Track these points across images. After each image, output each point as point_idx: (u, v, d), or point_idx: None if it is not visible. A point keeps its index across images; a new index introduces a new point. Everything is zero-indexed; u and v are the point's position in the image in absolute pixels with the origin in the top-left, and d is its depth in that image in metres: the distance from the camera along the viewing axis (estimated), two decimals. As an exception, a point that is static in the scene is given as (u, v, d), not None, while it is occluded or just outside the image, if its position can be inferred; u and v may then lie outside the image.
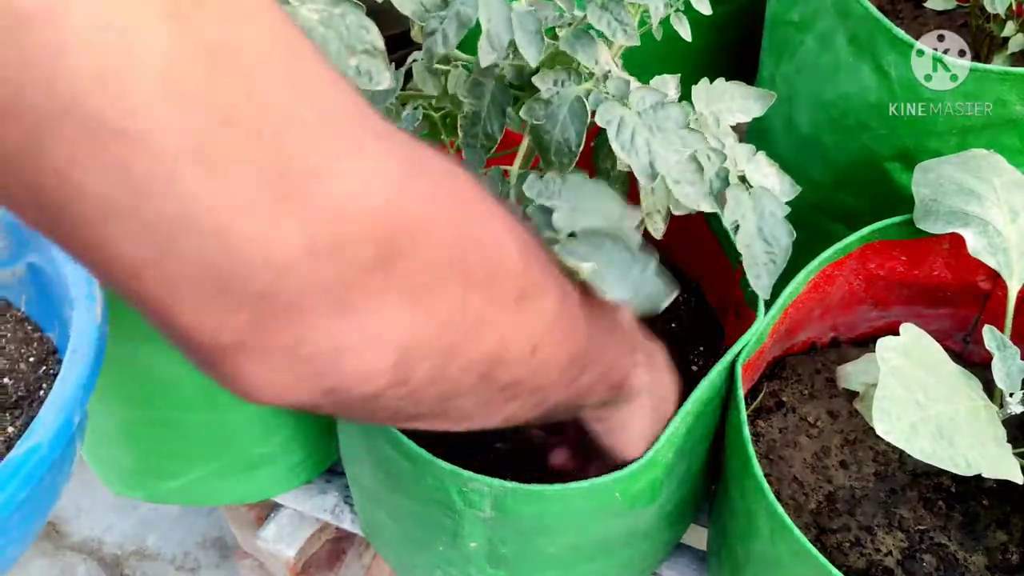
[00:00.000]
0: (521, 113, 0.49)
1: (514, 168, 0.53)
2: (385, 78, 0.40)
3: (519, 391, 0.37)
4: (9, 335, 0.65)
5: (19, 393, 0.62)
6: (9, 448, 0.58)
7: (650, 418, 0.55)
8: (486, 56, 0.47)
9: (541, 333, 0.36)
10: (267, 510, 0.97)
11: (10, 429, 0.60)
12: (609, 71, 0.49)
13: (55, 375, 0.63)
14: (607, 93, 0.48)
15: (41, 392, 0.62)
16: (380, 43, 0.40)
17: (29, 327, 0.65)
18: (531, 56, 0.47)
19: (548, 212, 0.46)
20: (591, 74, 0.50)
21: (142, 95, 0.22)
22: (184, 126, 0.23)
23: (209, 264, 0.25)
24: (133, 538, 1.37)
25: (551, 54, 0.50)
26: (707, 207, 0.50)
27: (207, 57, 0.23)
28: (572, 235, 0.45)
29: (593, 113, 0.48)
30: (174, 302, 0.26)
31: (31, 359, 0.64)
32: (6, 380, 0.62)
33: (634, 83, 0.49)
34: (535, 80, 0.49)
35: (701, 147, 0.48)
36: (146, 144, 0.23)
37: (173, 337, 0.28)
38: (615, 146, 0.47)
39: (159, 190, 0.23)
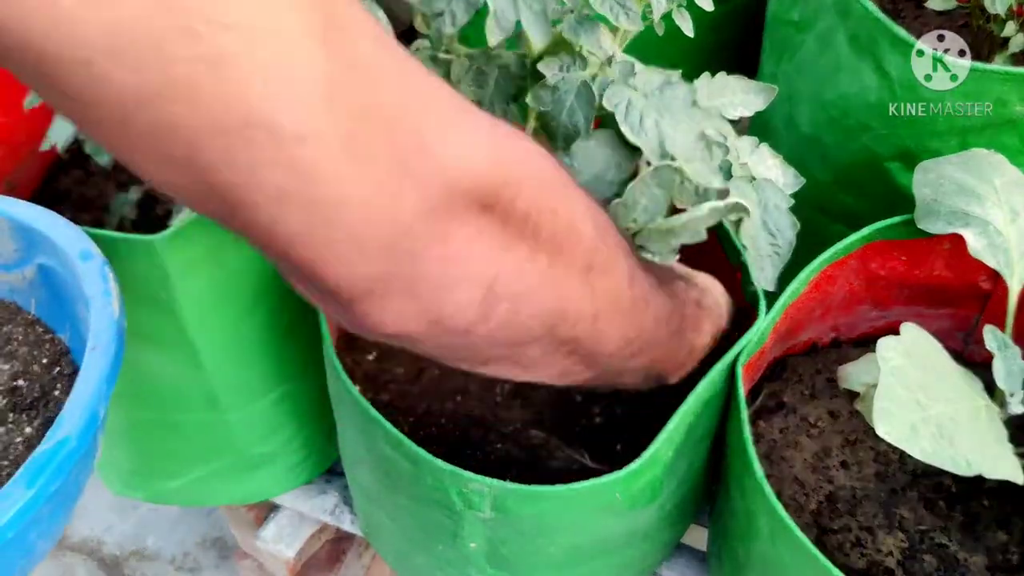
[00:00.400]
0: (527, 100, 0.49)
1: None
2: None
3: (577, 349, 0.43)
4: (21, 338, 0.65)
5: (34, 394, 0.62)
6: (30, 448, 0.59)
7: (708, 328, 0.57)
8: (493, 36, 0.47)
9: (603, 306, 0.43)
10: (267, 511, 0.97)
11: (28, 429, 0.60)
12: (613, 55, 0.49)
13: (69, 375, 0.63)
14: (613, 77, 0.48)
15: (56, 392, 0.62)
16: (389, 30, 0.41)
17: (40, 329, 0.66)
18: (537, 37, 0.47)
19: None
20: (596, 59, 0.50)
21: (310, 106, 0.29)
22: (337, 126, 0.30)
23: (353, 230, 0.32)
24: (133, 538, 1.37)
25: (555, 40, 0.50)
26: (718, 183, 0.50)
27: (348, 71, 0.30)
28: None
29: (601, 97, 0.48)
30: (324, 262, 0.33)
31: (44, 361, 0.64)
32: (20, 382, 0.63)
33: (639, 65, 0.49)
34: (540, 67, 0.49)
35: (708, 124, 0.48)
36: (312, 143, 0.29)
37: (319, 289, 0.35)
38: (624, 128, 0.48)
39: (320, 177, 0.30)
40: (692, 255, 0.79)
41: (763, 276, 0.55)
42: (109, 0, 0.25)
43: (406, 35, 0.58)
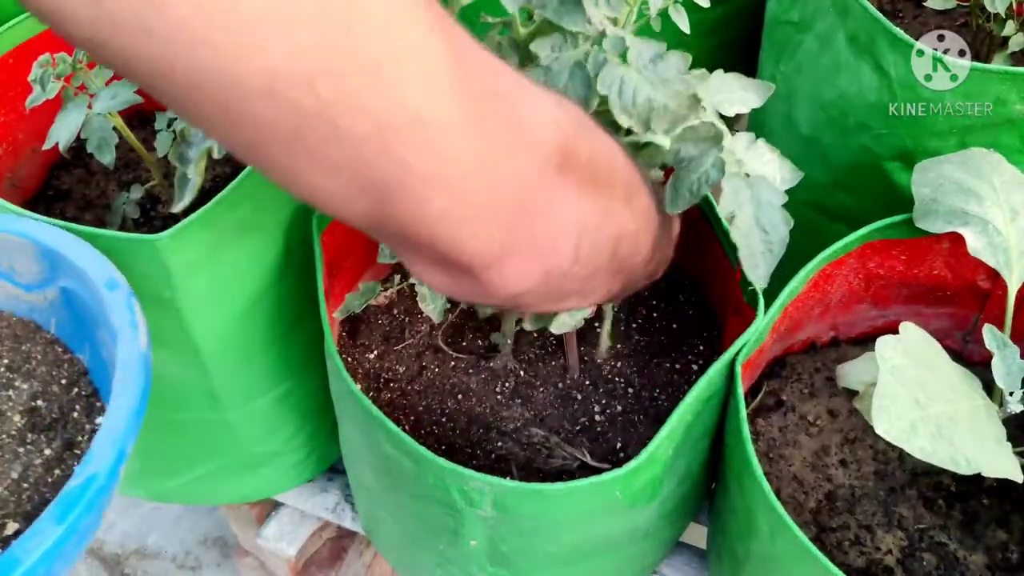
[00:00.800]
0: None
1: None
2: None
3: (623, 267, 0.47)
4: (39, 357, 0.65)
5: (53, 415, 0.62)
6: (48, 470, 0.59)
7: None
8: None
9: (642, 220, 0.47)
10: (268, 509, 0.97)
11: (47, 451, 0.60)
12: (604, 30, 0.49)
13: (87, 397, 0.63)
14: (605, 53, 0.48)
15: (75, 414, 0.62)
16: None
17: (59, 348, 0.66)
18: (510, 6, 0.48)
19: None
20: (588, 36, 0.49)
21: (442, 94, 0.32)
22: (463, 109, 0.33)
23: (487, 200, 0.36)
24: (134, 537, 1.37)
25: (544, 21, 0.50)
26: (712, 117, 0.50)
27: (459, 59, 0.33)
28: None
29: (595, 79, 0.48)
30: (466, 236, 0.36)
31: (63, 381, 0.64)
32: (39, 402, 0.63)
33: (629, 38, 0.49)
34: (533, 47, 0.49)
35: (702, 86, 0.49)
36: (447, 126, 0.33)
37: (454, 265, 0.38)
38: (615, 109, 0.48)
39: (456, 155, 0.33)
40: (692, 255, 0.79)
41: (756, 274, 0.54)
42: (287, 26, 0.28)
43: None
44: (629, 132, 0.49)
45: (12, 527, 0.56)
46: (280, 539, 0.95)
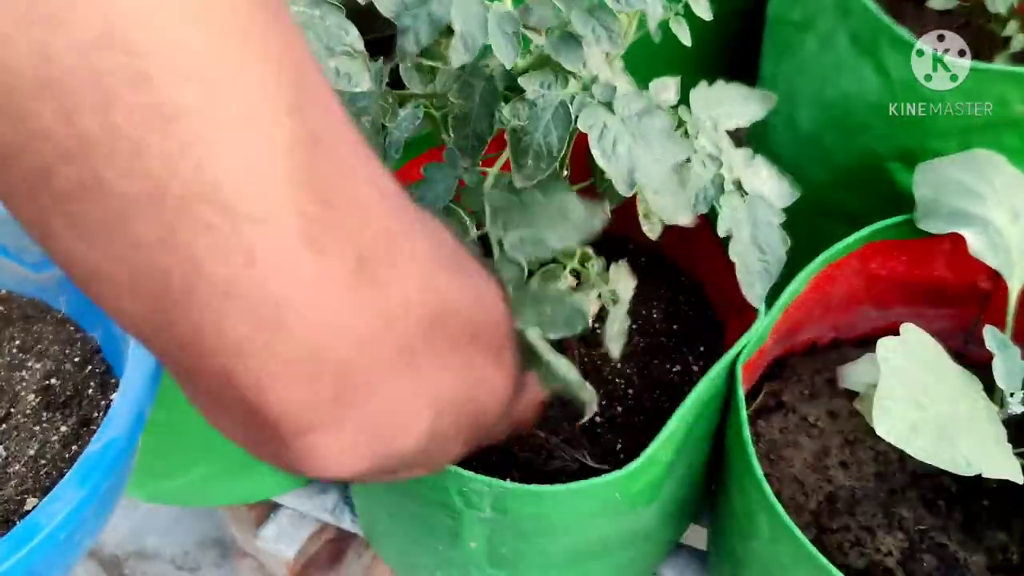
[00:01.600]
0: (504, 113, 0.49)
1: (492, 171, 0.52)
2: (364, 80, 0.40)
3: (484, 433, 0.40)
4: (51, 336, 0.65)
5: (67, 393, 0.62)
6: (66, 446, 0.59)
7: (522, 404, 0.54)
8: (458, 57, 0.46)
9: (513, 376, 0.40)
10: (267, 510, 0.97)
11: (63, 428, 0.60)
12: (597, 75, 0.49)
13: (101, 374, 0.63)
14: (593, 98, 0.48)
15: (90, 391, 0.62)
16: (359, 45, 0.40)
17: (71, 327, 0.66)
18: (506, 58, 0.46)
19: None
20: (580, 77, 0.49)
21: (270, 181, 0.24)
22: (301, 209, 0.25)
23: (307, 339, 0.27)
24: (133, 538, 1.37)
25: (540, 56, 0.50)
26: (684, 220, 0.49)
27: (315, 146, 0.25)
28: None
29: (577, 119, 0.47)
30: (269, 379, 0.27)
31: (76, 359, 0.64)
32: (53, 380, 0.63)
33: (622, 88, 0.48)
34: (521, 81, 0.49)
35: (685, 156, 0.47)
36: (270, 226, 0.24)
37: (255, 419, 0.29)
38: (595, 152, 0.46)
39: (276, 270, 0.25)
40: (693, 255, 0.79)
41: (752, 293, 0.54)
42: (46, 21, 0.20)
43: (377, 44, 0.57)
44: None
45: (31, 502, 0.56)
46: (279, 540, 0.95)
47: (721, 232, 0.53)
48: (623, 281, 0.60)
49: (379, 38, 0.55)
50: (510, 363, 0.40)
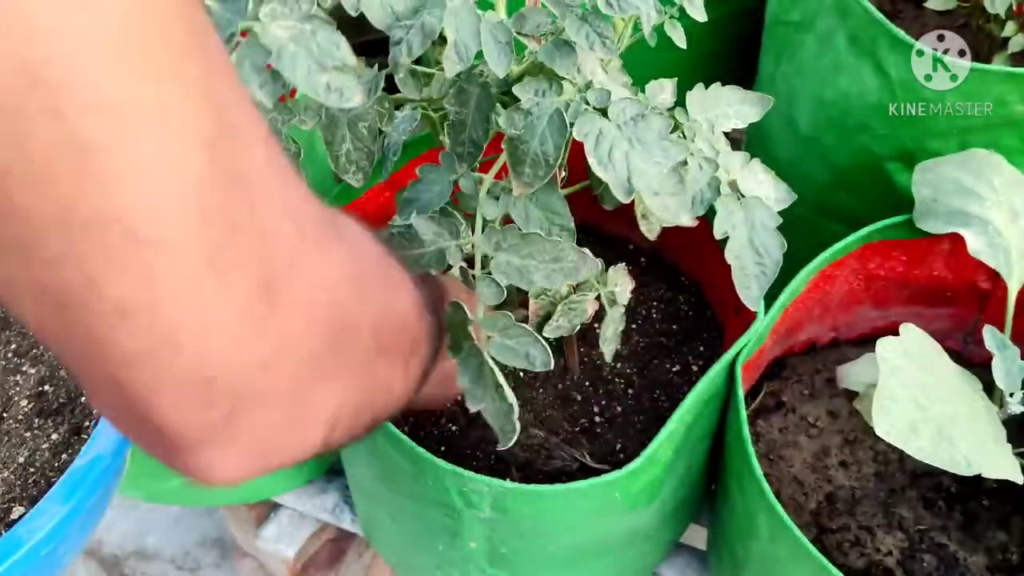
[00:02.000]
0: (500, 122, 0.49)
1: (487, 177, 0.52)
2: (356, 95, 0.40)
3: (386, 418, 0.42)
4: None
5: (60, 399, 0.62)
6: (56, 455, 0.59)
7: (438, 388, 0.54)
8: (451, 66, 0.46)
9: (423, 371, 0.42)
10: (267, 510, 0.97)
11: (54, 436, 0.60)
12: (591, 81, 0.49)
13: None
14: (587, 105, 0.48)
15: (82, 399, 0.62)
16: (351, 59, 0.40)
17: None
18: (500, 67, 0.46)
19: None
20: (574, 83, 0.49)
21: (178, 211, 0.25)
22: (205, 237, 0.26)
23: (201, 362, 0.28)
24: (133, 538, 1.37)
25: (536, 63, 0.50)
26: (686, 220, 0.49)
27: (228, 180, 0.27)
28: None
29: (572, 126, 0.47)
30: (161, 397, 0.28)
31: None
32: (46, 387, 0.63)
33: (617, 93, 0.48)
34: (516, 89, 0.49)
35: (683, 157, 0.47)
36: (171, 252, 0.26)
37: (145, 429, 0.30)
38: (592, 160, 0.46)
39: (174, 293, 0.26)
40: (692, 255, 0.79)
41: (748, 295, 0.54)
42: None
43: (366, 46, 0.57)
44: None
45: (18, 511, 0.56)
46: (279, 540, 0.95)
47: (718, 234, 0.53)
48: (621, 283, 0.60)
49: (374, 40, 0.55)
50: (417, 367, 0.41)
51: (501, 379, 0.47)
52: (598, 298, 0.59)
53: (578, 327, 0.64)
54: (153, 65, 0.25)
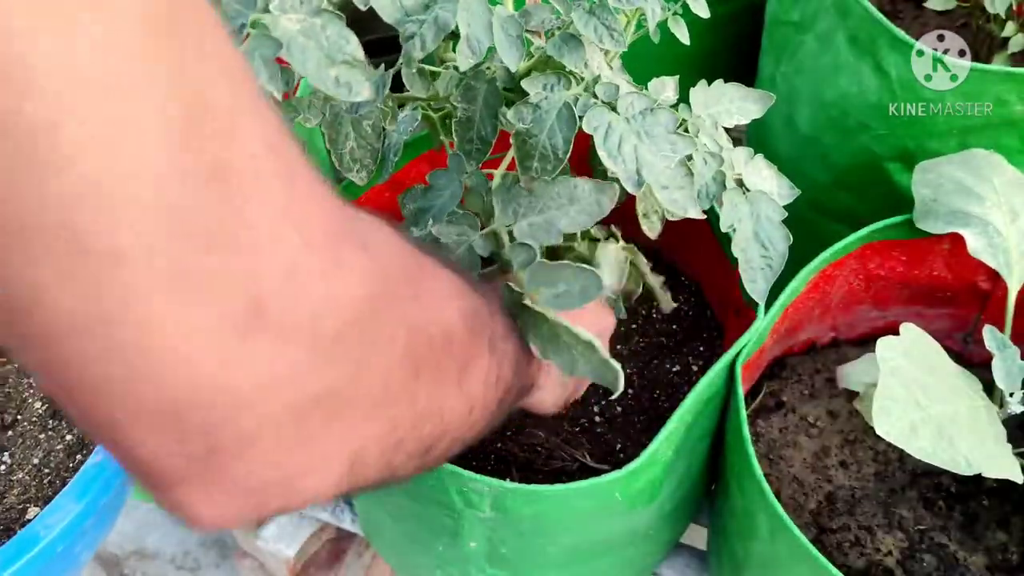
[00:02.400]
0: (509, 116, 0.49)
1: (499, 172, 0.52)
2: (364, 89, 0.40)
3: (452, 447, 0.38)
4: None
5: None
6: (70, 455, 0.59)
7: (558, 387, 0.53)
8: (465, 61, 0.46)
9: (478, 393, 0.37)
10: (267, 510, 0.97)
11: (68, 437, 0.60)
12: (599, 75, 0.49)
13: None
14: (596, 99, 0.48)
15: None
16: (360, 54, 0.40)
17: None
18: (511, 61, 0.47)
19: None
20: (581, 78, 0.49)
21: (128, 215, 0.21)
22: (165, 251, 0.22)
23: (168, 394, 0.24)
24: (133, 538, 1.37)
25: (542, 58, 0.50)
26: (695, 213, 0.49)
27: (204, 174, 0.22)
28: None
29: (581, 119, 0.48)
30: (128, 428, 0.25)
31: None
32: None
33: (625, 87, 0.49)
34: (524, 84, 0.49)
35: (691, 151, 0.48)
36: (122, 266, 0.22)
37: (119, 460, 0.27)
38: (601, 153, 0.47)
39: (127, 315, 0.22)
40: (693, 255, 0.79)
41: (754, 288, 0.54)
42: None
43: (374, 45, 0.57)
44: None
45: (33, 511, 0.56)
46: (279, 540, 0.95)
47: (723, 228, 0.53)
48: (609, 260, 0.60)
49: (380, 39, 0.55)
50: (478, 381, 0.36)
51: (576, 330, 0.45)
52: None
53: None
54: (113, 36, 0.21)
